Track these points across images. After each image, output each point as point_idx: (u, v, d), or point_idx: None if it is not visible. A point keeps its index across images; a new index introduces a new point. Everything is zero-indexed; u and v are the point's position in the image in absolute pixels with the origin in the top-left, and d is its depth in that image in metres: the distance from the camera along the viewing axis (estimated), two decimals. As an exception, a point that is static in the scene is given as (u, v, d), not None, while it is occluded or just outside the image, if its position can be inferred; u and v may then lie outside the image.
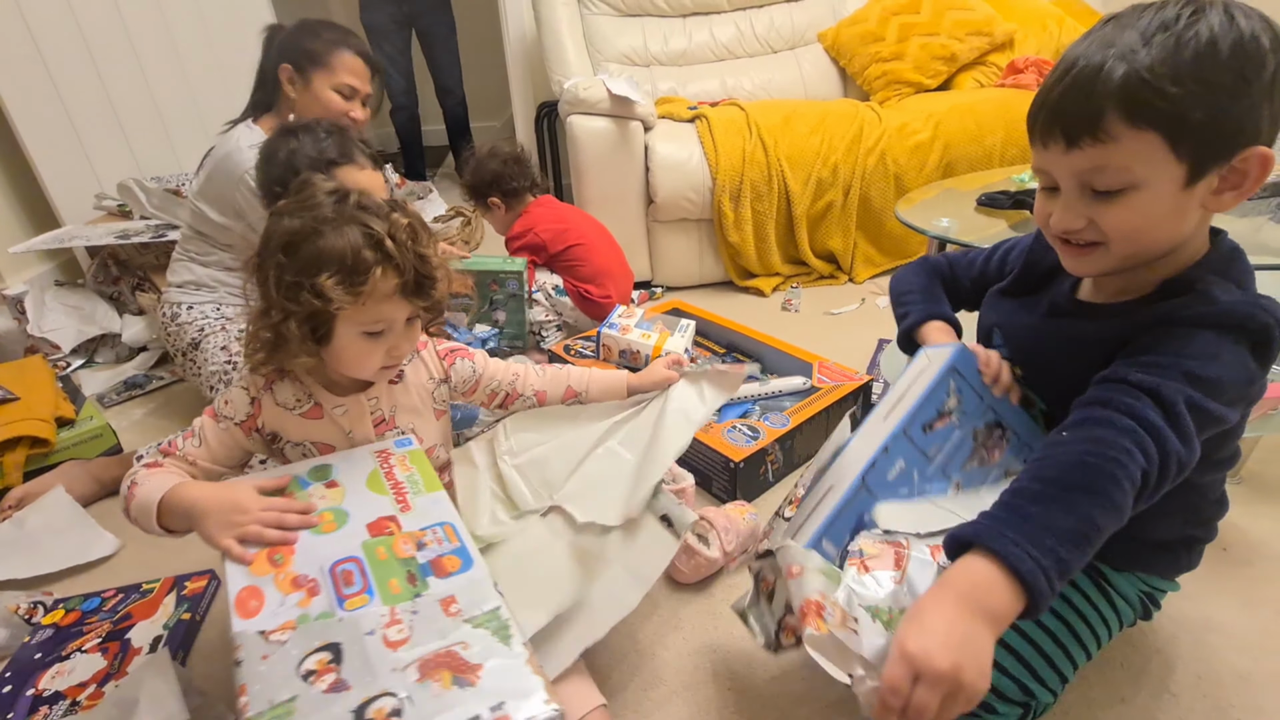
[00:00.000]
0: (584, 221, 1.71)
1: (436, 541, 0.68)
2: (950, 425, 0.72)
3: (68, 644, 0.90)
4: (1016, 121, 1.96)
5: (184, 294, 1.37)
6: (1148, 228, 0.58)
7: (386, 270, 0.72)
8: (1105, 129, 0.54)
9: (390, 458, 0.79)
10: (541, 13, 2.24)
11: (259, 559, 0.65)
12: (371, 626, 0.59)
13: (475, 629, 0.59)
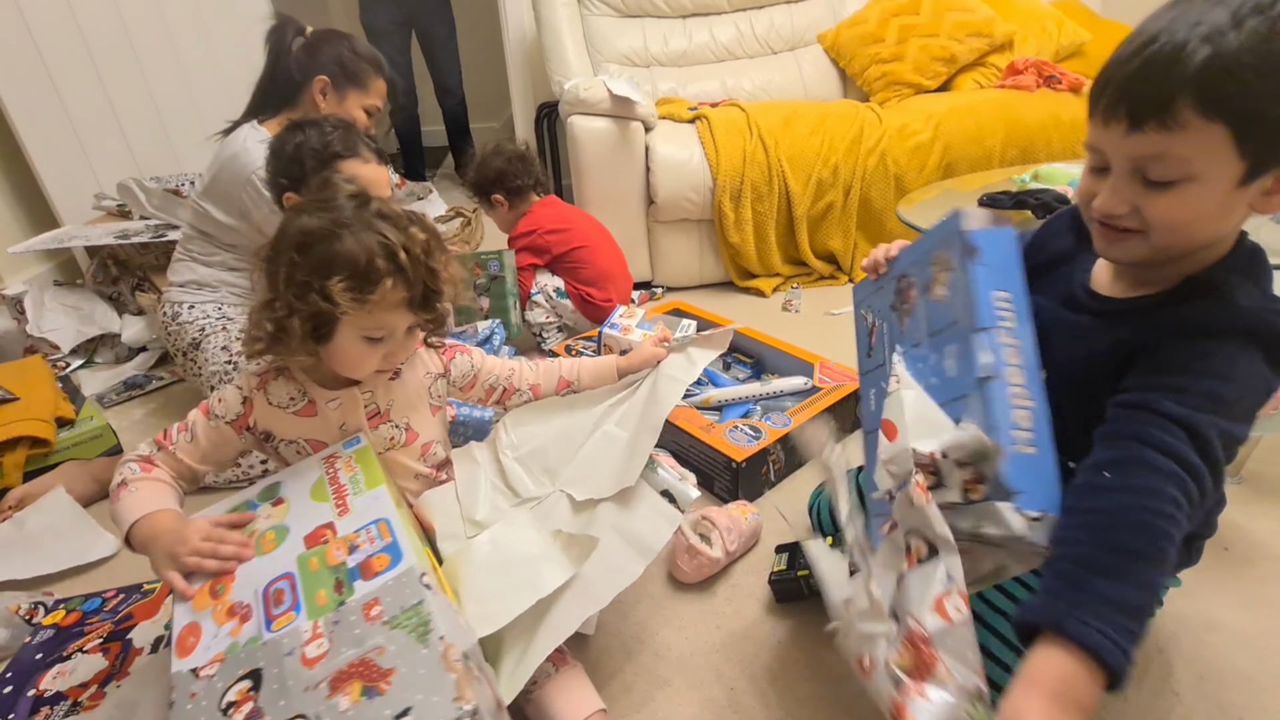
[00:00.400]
0: (587, 223, 1.71)
1: (369, 541, 0.67)
2: (879, 331, 0.77)
3: (69, 644, 0.90)
4: (1016, 122, 1.96)
5: (185, 293, 1.37)
6: (1193, 222, 0.56)
7: (397, 282, 0.73)
8: (1175, 116, 0.51)
9: (337, 461, 0.78)
10: (541, 13, 2.25)
11: (201, 593, 0.65)
12: (292, 646, 0.58)
13: (393, 630, 0.58)
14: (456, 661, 0.55)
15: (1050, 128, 1.98)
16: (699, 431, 1.15)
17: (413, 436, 0.88)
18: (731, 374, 1.46)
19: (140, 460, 0.78)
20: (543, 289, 1.64)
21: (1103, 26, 2.35)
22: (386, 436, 0.86)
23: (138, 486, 0.75)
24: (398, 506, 0.73)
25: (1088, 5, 2.45)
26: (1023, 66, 2.14)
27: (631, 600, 0.96)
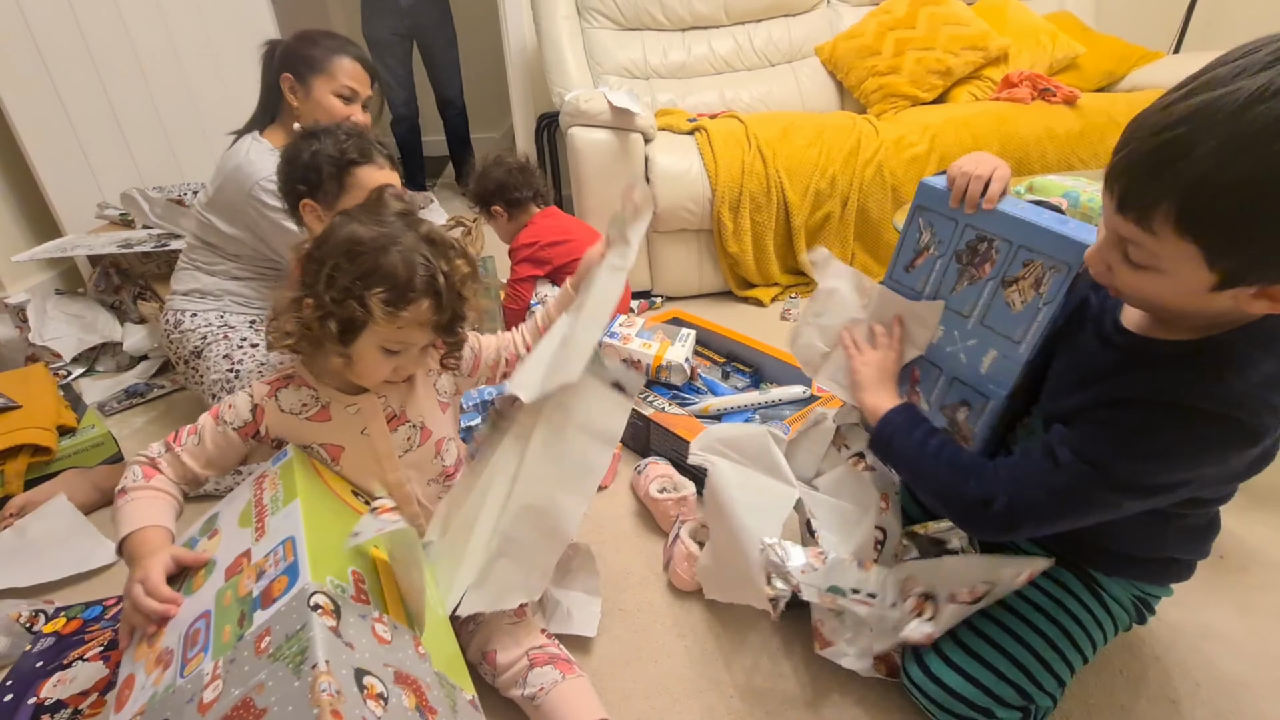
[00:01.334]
0: (587, 234, 1.70)
1: (274, 563, 0.64)
2: (931, 257, 0.79)
3: (69, 652, 0.90)
4: (1011, 135, 1.98)
5: (188, 302, 1.37)
6: (1160, 302, 0.58)
7: (431, 304, 0.76)
8: (1151, 221, 0.51)
9: (264, 480, 0.77)
10: (542, 25, 2.27)
11: (142, 644, 0.64)
12: (193, 692, 0.56)
13: (274, 663, 0.55)
14: (323, 693, 0.52)
15: (1045, 140, 2.00)
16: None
17: (427, 434, 0.89)
18: (730, 383, 1.47)
19: (145, 464, 0.79)
20: (542, 299, 1.64)
21: (1096, 40, 2.38)
22: (405, 437, 0.88)
23: (136, 496, 0.76)
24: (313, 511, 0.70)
25: (1081, 19, 2.48)
26: (1017, 80, 2.17)
27: (632, 607, 0.97)
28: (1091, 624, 0.74)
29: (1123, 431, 0.60)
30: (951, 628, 0.74)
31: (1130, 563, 0.74)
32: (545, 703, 0.76)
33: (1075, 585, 0.76)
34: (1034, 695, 0.69)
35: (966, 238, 0.75)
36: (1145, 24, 2.56)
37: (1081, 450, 0.62)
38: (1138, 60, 2.31)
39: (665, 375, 1.39)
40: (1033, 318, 0.69)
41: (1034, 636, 0.72)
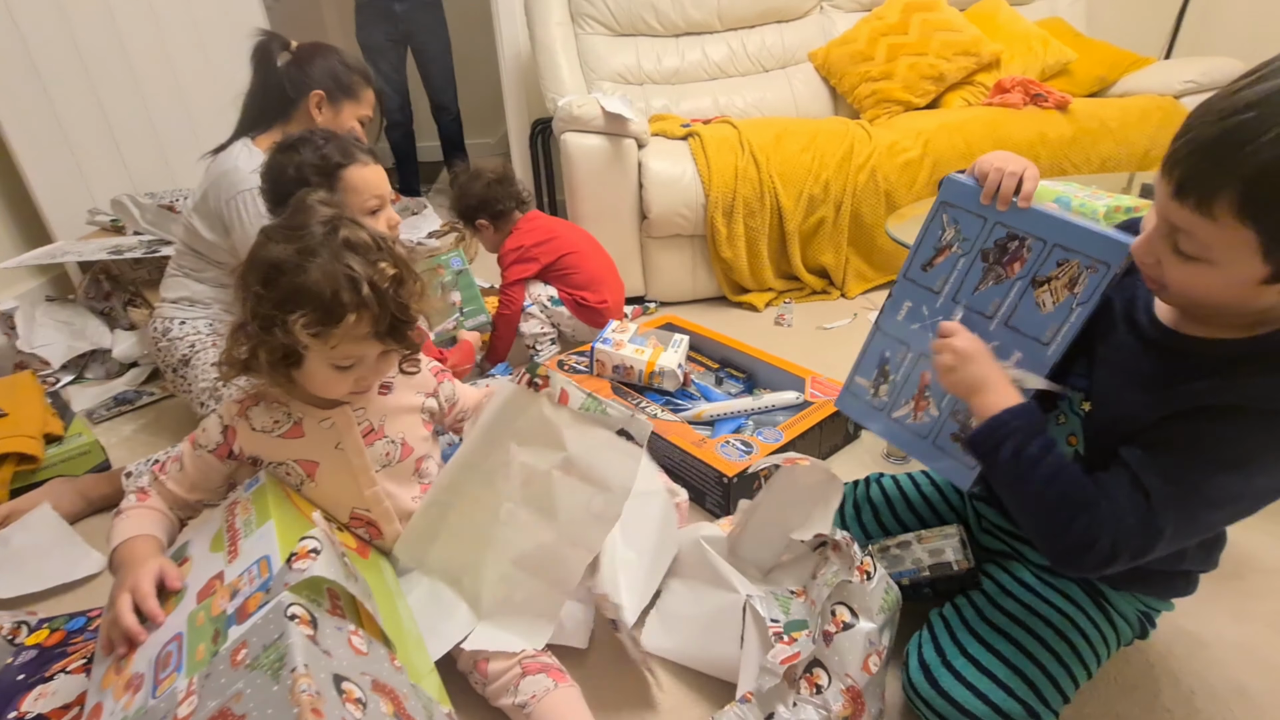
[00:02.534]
0: (571, 231, 1.72)
1: (249, 581, 0.65)
2: (953, 255, 0.75)
3: (51, 665, 0.88)
4: (1004, 140, 1.99)
5: (177, 309, 1.36)
6: (1207, 298, 0.57)
7: (362, 315, 0.72)
8: (1212, 206, 0.50)
9: (236, 506, 0.78)
10: (536, 32, 2.27)
11: (110, 673, 0.64)
12: (167, 710, 0.57)
13: (252, 672, 0.56)
14: (303, 693, 0.52)
15: (1037, 145, 2.01)
16: (690, 447, 1.15)
17: (407, 451, 0.88)
18: (724, 389, 1.46)
19: (138, 491, 0.81)
20: (536, 299, 1.65)
21: (1088, 46, 2.40)
22: (382, 452, 0.86)
23: (128, 514, 0.78)
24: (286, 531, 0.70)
25: (1072, 25, 2.50)
26: (1010, 85, 2.18)
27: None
28: (1098, 639, 0.74)
29: (1211, 445, 0.58)
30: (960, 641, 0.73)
31: (1143, 577, 0.73)
32: (536, 710, 0.76)
33: (1083, 600, 0.75)
34: (1040, 711, 0.68)
35: (996, 235, 0.72)
36: (1136, 30, 2.58)
37: (1171, 475, 0.59)
38: (1129, 66, 2.32)
39: (658, 381, 1.38)
40: (1065, 318, 0.67)
41: (1043, 652, 0.71)
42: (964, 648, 0.72)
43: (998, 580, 0.79)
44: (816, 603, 0.79)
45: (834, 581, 0.78)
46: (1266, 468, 0.58)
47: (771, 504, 0.86)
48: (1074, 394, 0.70)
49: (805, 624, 0.79)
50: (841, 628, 0.72)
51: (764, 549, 0.88)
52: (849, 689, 0.71)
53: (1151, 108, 2.11)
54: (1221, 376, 0.58)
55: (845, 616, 0.73)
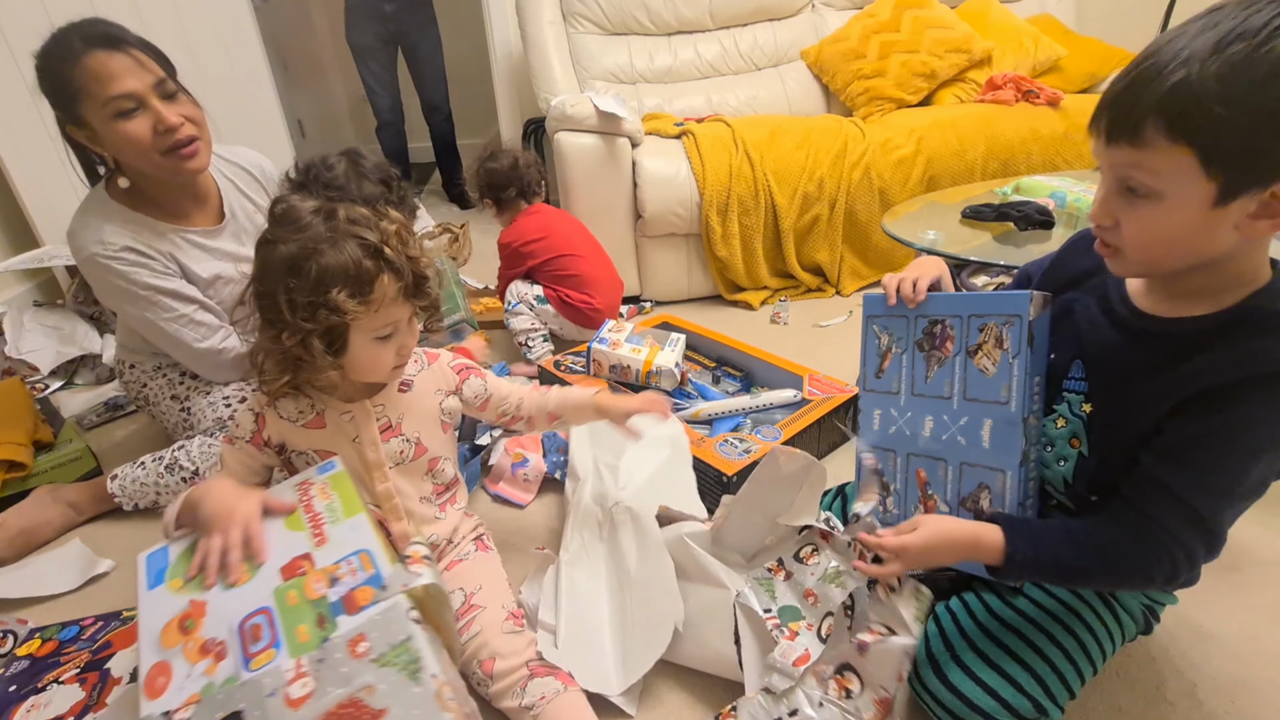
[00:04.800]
0: (570, 228, 1.73)
1: (351, 573, 0.64)
2: (895, 356, 0.81)
3: (44, 675, 0.87)
4: (997, 137, 2.00)
5: (125, 353, 1.29)
6: (1163, 241, 0.57)
7: (389, 276, 0.76)
8: (1142, 135, 0.53)
9: (311, 487, 0.76)
10: (527, 31, 2.26)
11: (169, 630, 0.63)
12: (274, 686, 0.56)
13: (382, 668, 0.56)
14: (450, 700, 0.54)
15: (1030, 141, 2.01)
16: (689, 446, 1.14)
17: (421, 451, 0.89)
18: (721, 387, 1.46)
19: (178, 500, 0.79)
20: (522, 298, 1.65)
21: (1078, 42, 2.41)
22: (396, 450, 0.87)
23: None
24: (376, 527, 0.71)
25: (1063, 22, 2.51)
26: (1001, 82, 2.18)
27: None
28: (1104, 635, 0.74)
29: (1239, 433, 0.59)
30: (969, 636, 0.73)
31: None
32: (545, 713, 0.76)
33: (1090, 596, 0.75)
34: (1047, 707, 0.68)
35: (920, 326, 0.79)
36: (1125, 26, 2.59)
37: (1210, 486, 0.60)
38: (1119, 62, 2.33)
39: (655, 381, 1.38)
40: (1009, 373, 0.72)
41: (1052, 648, 0.71)
42: (973, 643, 0.72)
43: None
44: (820, 600, 0.79)
45: (833, 576, 0.78)
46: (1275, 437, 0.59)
47: (755, 491, 0.86)
48: (1074, 396, 0.71)
49: (798, 612, 0.79)
50: (879, 639, 0.72)
51: (748, 535, 0.88)
52: (882, 700, 0.71)
53: (1142, 103, 2.12)
54: (1216, 350, 0.59)
55: (882, 631, 0.73)
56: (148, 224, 1.10)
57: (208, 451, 1.16)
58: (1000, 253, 1.19)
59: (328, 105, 3.78)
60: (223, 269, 1.18)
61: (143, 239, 1.08)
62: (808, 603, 0.80)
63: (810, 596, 0.80)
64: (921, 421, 0.79)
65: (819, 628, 0.77)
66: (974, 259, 1.18)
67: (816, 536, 0.84)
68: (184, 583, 0.67)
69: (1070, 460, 0.71)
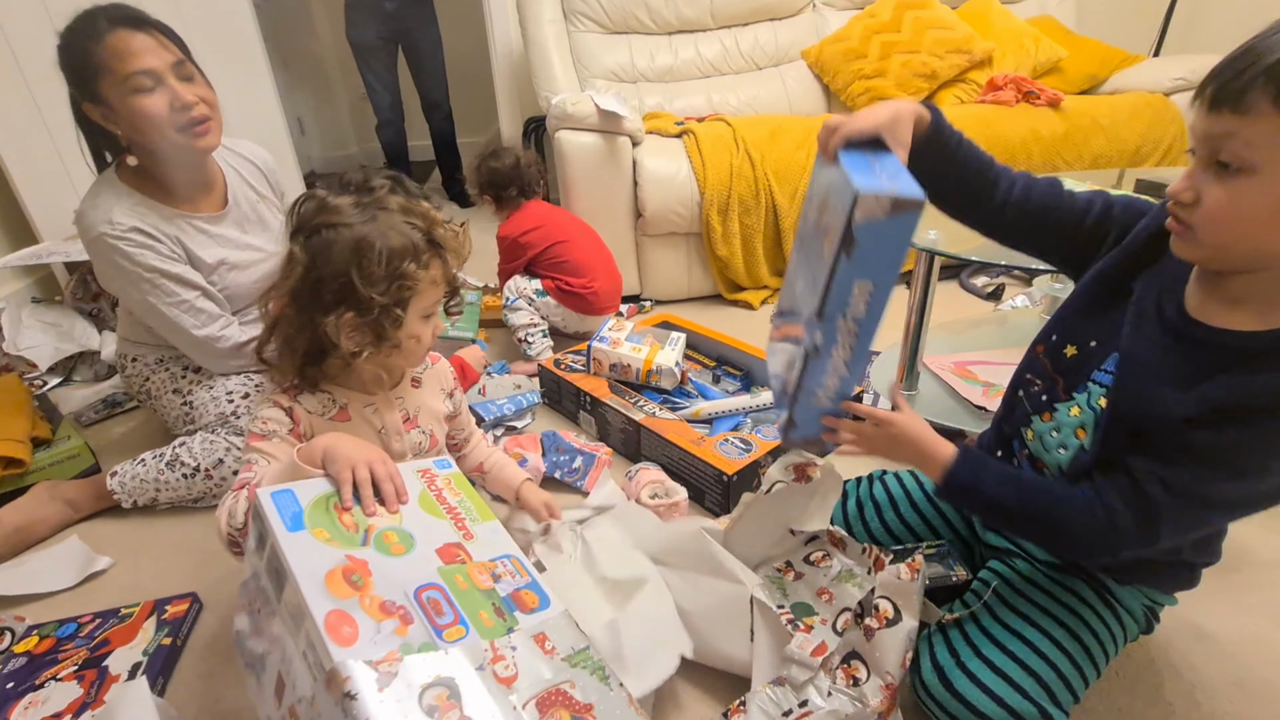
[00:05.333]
0: (567, 220, 1.75)
1: (509, 575, 0.66)
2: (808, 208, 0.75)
3: (42, 672, 0.87)
4: (997, 138, 2.00)
5: (127, 346, 1.29)
6: (1243, 219, 0.55)
7: (439, 254, 0.81)
8: (1247, 101, 0.52)
9: (435, 479, 0.77)
10: (528, 29, 2.26)
11: (334, 579, 0.59)
12: (480, 661, 0.56)
13: (574, 669, 0.58)
14: (640, 711, 0.56)
15: (1030, 142, 2.02)
16: (689, 445, 1.14)
17: (434, 443, 0.93)
18: (721, 386, 1.45)
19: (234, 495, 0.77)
20: (521, 293, 1.66)
21: (1078, 44, 2.41)
22: (416, 441, 0.90)
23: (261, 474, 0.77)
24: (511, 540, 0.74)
25: (1063, 23, 2.51)
26: (1002, 82, 2.18)
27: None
28: (1107, 637, 0.74)
29: (1227, 453, 0.59)
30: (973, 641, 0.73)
31: (1145, 569, 0.73)
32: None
33: (1092, 599, 0.75)
34: (1052, 712, 0.68)
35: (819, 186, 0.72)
36: (1125, 27, 2.60)
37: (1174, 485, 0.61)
38: (1119, 63, 2.34)
39: (655, 380, 1.38)
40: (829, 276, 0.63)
41: (1056, 652, 0.70)
42: (978, 648, 0.72)
43: (1005, 579, 0.79)
44: (835, 597, 0.79)
45: (848, 576, 0.78)
46: (1272, 471, 0.58)
47: (771, 501, 0.86)
48: (1096, 388, 0.69)
49: (811, 608, 0.79)
50: (885, 624, 0.72)
51: (757, 543, 0.88)
52: (888, 685, 0.71)
53: (1142, 105, 2.12)
54: (1243, 371, 0.58)
55: (889, 612, 0.73)
56: (156, 208, 1.12)
57: (209, 448, 1.16)
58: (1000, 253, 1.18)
59: (328, 103, 3.78)
60: (226, 254, 1.20)
61: (150, 221, 1.10)
62: (821, 600, 0.80)
63: (825, 594, 0.81)
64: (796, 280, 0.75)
65: (834, 622, 0.77)
66: (974, 259, 1.18)
67: (827, 544, 0.85)
68: (330, 535, 0.63)
69: (1070, 451, 0.71)
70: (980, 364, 1.43)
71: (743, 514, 0.87)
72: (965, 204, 0.76)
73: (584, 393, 1.36)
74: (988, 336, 1.62)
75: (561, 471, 1.23)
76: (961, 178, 0.74)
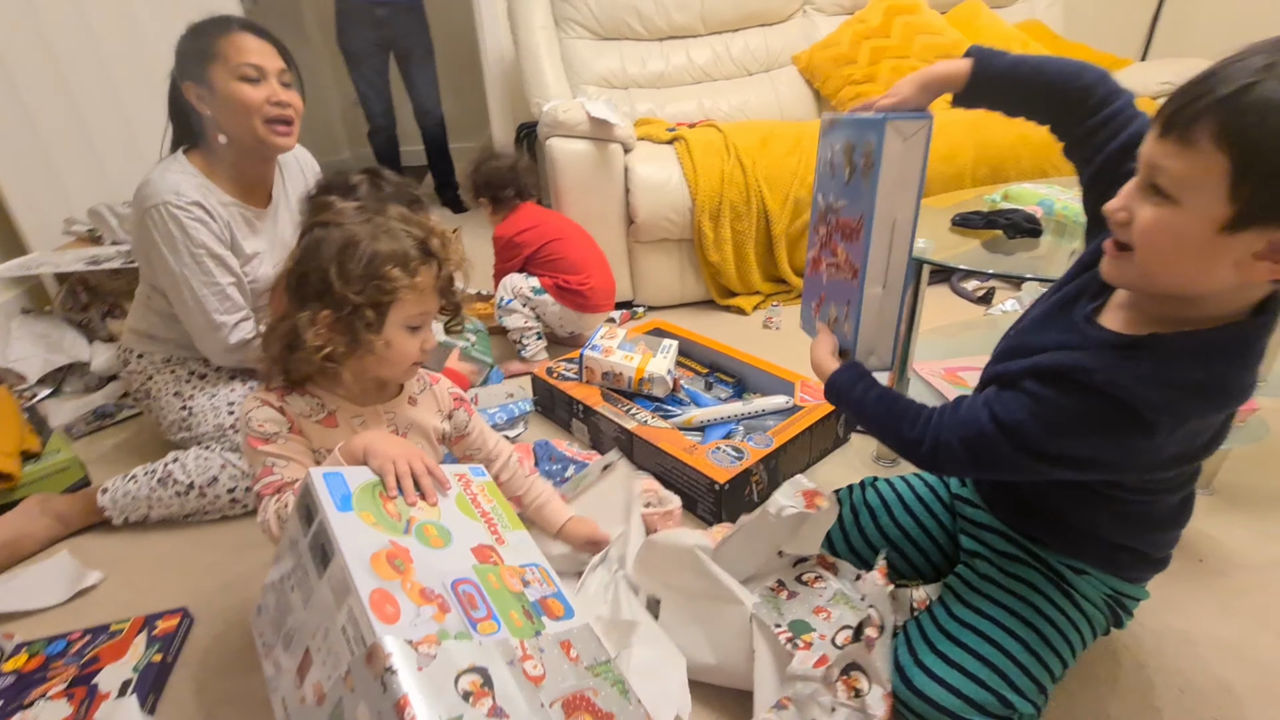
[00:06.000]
0: (560, 221, 1.77)
1: (538, 582, 0.67)
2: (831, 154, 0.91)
3: (31, 691, 0.86)
4: (986, 143, 2.01)
5: (136, 340, 1.30)
6: (1165, 248, 0.57)
7: (430, 264, 0.81)
8: (1192, 132, 0.53)
9: (470, 484, 0.79)
10: (519, 36, 2.26)
11: (380, 561, 0.60)
12: (510, 656, 0.57)
13: (597, 678, 0.59)
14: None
15: (1019, 147, 2.03)
16: (681, 453, 1.15)
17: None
18: (713, 394, 1.46)
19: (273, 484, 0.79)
20: (518, 292, 1.66)
21: (1066, 49, 2.43)
22: None
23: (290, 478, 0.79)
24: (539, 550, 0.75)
25: (1051, 28, 2.53)
26: (991, 87, 2.20)
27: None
28: (1066, 625, 0.75)
29: (1034, 402, 0.65)
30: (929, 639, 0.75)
31: (1079, 543, 0.76)
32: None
33: (1046, 587, 0.76)
34: (1015, 702, 0.69)
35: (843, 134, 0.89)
36: (1113, 32, 2.62)
37: (999, 416, 0.67)
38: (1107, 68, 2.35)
39: (648, 387, 1.38)
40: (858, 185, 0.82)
41: (1010, 641, 0.72)
42: (933, 645, 0.74)
43: (964, 578, 0.81)
44: (833, 616, 0.80)
45: (842, 600, 0.79)
46: (1073, 437, 0.63)
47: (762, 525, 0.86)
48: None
49: (809, 625, 0.79)
50: (880, 632, 0.74)
51: (746, 562, 0.88)
52: (889, 694, 0.72)
53: (1129, 109, 2.14)
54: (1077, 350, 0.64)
55: (879, 620, 0.75)
56: (216, 193, 1.18)
57: (203, 465, 1.16)
58: (988, 260, 1.19)
59: (319, 109, 3.77)
60: (261, 248, 1.25)
61: (211, 202, 1.16)
62: (819, 618, 0.80)
63: (822, 612, 0.81)
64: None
65: (833, 638, 0.77)
66: (962, 266, 1.18)
67: (818, 566, 0.86)
68: (376, 519, 0.65)
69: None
70: (970, 370, 1.43)
71: (735, 532, 0.88)
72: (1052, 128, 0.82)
73: (576, 401, 1.36)
74: (979, 341, 1.63)
75: (554, 481, 1.23)
76: (1028, 110, 0.83)
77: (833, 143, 0.87)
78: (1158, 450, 0.61)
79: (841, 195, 0.85)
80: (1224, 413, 0.63)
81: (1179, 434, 0.61)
